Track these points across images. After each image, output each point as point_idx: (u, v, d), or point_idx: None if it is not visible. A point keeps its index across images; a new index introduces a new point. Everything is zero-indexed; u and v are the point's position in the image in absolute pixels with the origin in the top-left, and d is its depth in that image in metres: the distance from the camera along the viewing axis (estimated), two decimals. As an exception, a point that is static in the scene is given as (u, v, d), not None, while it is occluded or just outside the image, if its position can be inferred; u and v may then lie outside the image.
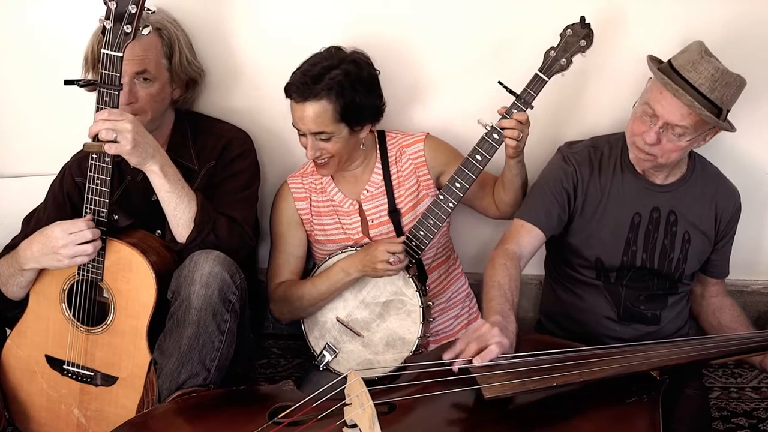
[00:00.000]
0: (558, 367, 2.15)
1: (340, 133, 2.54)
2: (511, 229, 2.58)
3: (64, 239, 2.28)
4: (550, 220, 2.56)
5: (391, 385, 2.19)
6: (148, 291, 2.34)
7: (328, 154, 2.57)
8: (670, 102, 2.35)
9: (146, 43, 2.45)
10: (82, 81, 2.38)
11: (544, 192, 2.58)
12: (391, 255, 2.48)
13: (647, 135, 2.40)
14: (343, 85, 2.48)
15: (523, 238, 2.53)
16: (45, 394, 2.49)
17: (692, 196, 2.58)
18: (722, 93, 2.35)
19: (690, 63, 2.36)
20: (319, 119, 2.49)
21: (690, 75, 2.35)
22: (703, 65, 2.35)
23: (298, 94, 2.48)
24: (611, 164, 2.58)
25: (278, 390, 2.29)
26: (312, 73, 2.49)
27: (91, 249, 2.29)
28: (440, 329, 2.80)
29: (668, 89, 2.33)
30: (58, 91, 2.48)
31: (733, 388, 2.94)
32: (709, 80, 2.33)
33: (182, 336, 2.30)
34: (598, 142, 2.64)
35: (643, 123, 2.41)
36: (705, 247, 2.62)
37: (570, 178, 2.57)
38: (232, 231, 2.45)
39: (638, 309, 2.61)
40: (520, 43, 2.72)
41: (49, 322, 2.45)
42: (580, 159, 2.59)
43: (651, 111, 2.38)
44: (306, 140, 2.55)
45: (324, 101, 2.47)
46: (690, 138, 2.39)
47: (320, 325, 2.68)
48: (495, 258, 2.46)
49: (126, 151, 2.24)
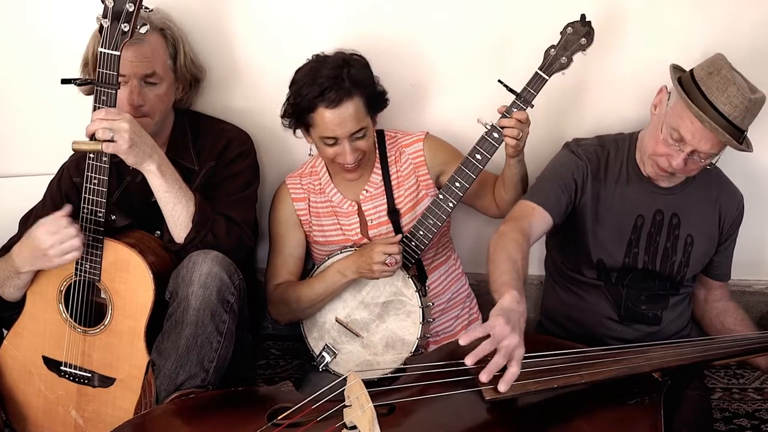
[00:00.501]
0: (559, 368, 2.15)
1: (370, 127, 2.57)
2: (520, 208, 2.51)
3: (49, 240, 2.27)
4: (560, 206, 2.53)
5: (391, 386, 2.19)
6: (145, 291, 2.34)
7: (361, 154, 2.57)
8: (702, 133, 2.33)
9: (152, 45, 2.46)
10: (80, 80, 2.38)
11: (554, 179, 2.56)
12: (387, 256, 2.48)
13: (674, 160, 2.39)
14: (363, 77, 2.53)
15: (534, 219, 2.46)
16: (42, 395, 2.49)
17: (695, 199, 2.58)
18: (750, 120, 2.35)
19: (718, 87, 2.32)
20: (358, 116, 2.51)
21: (720, 102, 2.30)
22: (731, 90, 2.31)
23: (333, 99, 2.46)
24: (617, 164, 2.58)
25: (277, 391, 2.29)
26: (332, 76, 2.48)
27: (78, 242, 2.28)
28: (440, 330, 2.80)
29: (703, 124, 2.31)
30: (55, 90, 2.48)
31: (735, 389, 2.94)
32: (743, 111, 2.31)
33: (180, 337, 2.29)
34: (605, 142, 2.63)
35: (668, 146, 2.40)
36: (708, 250, 2.62)
37: (580, 171, 2.56)
38: (230, 231, 2.45)
39: (639, 309, 2.61)
40: (520, 41, 2.72)
41: (46, 323, 2.45)
42: (590, 156, 2.58)
43: (679, 136, 2.36)
44: (337, 148, 2.54)
45: (356, 98, 2.50)
46: (712, 159, 2.41)
47: (319, 326, 2.68)
48: (506, 232, 2.37)
49: (123, 150, 2.24)
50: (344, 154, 2.55)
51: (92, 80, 2.28)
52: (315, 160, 2.77)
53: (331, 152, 2.56)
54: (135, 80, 2.43)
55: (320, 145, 2.58)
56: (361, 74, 2.53)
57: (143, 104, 2.45)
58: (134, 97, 2.42)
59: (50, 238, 2.27)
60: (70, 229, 2.27)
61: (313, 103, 2.49)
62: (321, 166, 2.75)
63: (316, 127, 2.53)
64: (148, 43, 2.44)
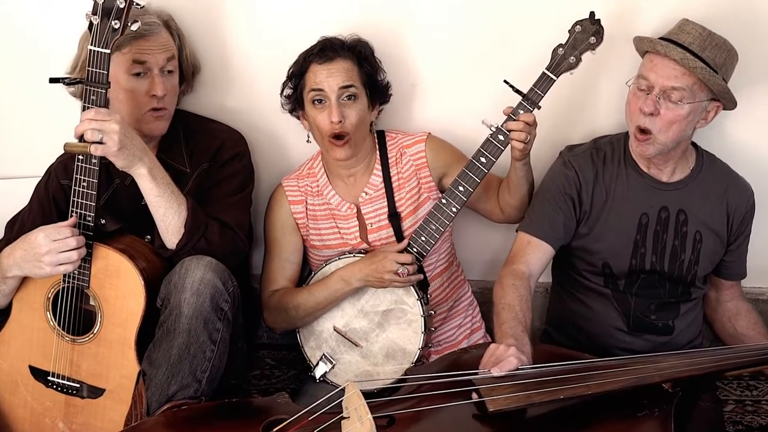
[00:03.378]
0: (565, 379, 2.15)
1: (362, 99, 2.60)
2: (517, 244, 2.58)
3: (47, 246, 2.27)
4: (556, 230, 2.55)
5: (391, 397, 2.20)
6: (136, 299, 2.34)
7: (348, 127, 2.57)
8: (662, 64, 2.39)
9: (164, 35, 2.51)
10: (68, 79, 2.39)
11: (547, 201, 2.58)
12: (400, 266, 2.49)
13: (645, 104, 2.41)
14: (364, 53, 2.63)
15: (531, 255, 2.53)
16: (29, 406, 2.49)
17: (702, 194, 2.57)
18: (714, 54, 2.40)
19: (676, 28, 2.45)
20: (349, 73, 2.57)
21: (678, 36, 2.42)
22: (689, 26, 2.43)
23: (326, 54, 2.56)
24: (615, 164, 2.58)
25: (273, 403, 2.29)
26: (333, 41, 2.59)
27: (75, 256, 2.29)
28: (442, 339, 2.80)
29: (659, 49, 2.38)
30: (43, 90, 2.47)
31: (748, 401, 2.94)
32: (698, 38, 2.40)
33: (172, 346, 2.29)
34: (600, 143, 2.64)
35: (638, 98, 2.44)
36: (717, 247, 2.62)
37: (572, 183, 2.57)
38: (224, 236, 2.45)
39: (649, 319, 2.61)
40: (526, 39, 2.72)
41: (33, 332, 2.45)
42: (582, 162, 2.59)
43: (645, 82, 2.42)
44: (324, 112, 2.56)
45: (350, 61, 2.58)
46: (689, 104, 2.40)
47: (317, 335, 2.67)
48: (503, 278, 2.47)
49: (112, 152, 2.24)
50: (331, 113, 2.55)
51: (81, 79, 2.28)
52: (313, 161, 2.77)
53: (320, 118, 2.57)
54: (156, 69, 2.47)
55: (310, 112, 2.60)
56: (361, 46, 2.62)
57: (166, 93, 2.49)
58: (160, 87, 2.47)
59: (49, 244, 2.27)
60: (71, 240, 2.28)
61: (307, 63, 2.58)
62: (319, 168, 2.75)
63: (306, 87, 2.58)
64: (161, 32, 2.49)
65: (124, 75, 2.45)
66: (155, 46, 2.47)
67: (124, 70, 2.45)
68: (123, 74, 2.45)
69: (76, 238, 2.29)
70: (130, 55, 2.44)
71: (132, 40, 2.42)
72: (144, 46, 2.44)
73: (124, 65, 2.44)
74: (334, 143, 2.59)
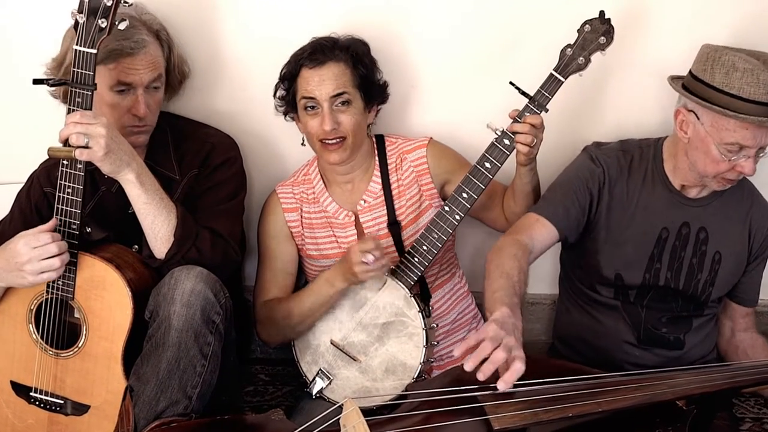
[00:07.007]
0: (574, 395, 2.14)
1: (357, 103, 2.59)
2: (524, 221, 2.54)
3: (27, 254, 2.27)
4: (568, 219, 2.54)
5: (391, 415, 2.19)
6: (123, 311, 2.33)
7: (343, 132, 2.57)
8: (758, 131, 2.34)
9: (153, 49, 2.50)
10: (53, 80, 2.37)
11: (566, 190, 2.57)
12: (363, 254, 2.45)
13: (746, 167, 2.39)
14: (358, 53, 2.61)
15: (536, 232, 2.50)
16: (10, 424, 2.48)
17: (725, 213, 2.58)
18: None
19: (734, 78, 2.34)
20: (341, 79, 2.56)
21: (745, 91, 2.32)
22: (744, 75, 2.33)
23: (317, 58, 2.55)
24: (641, 172, 2.58)
25: (267, 420, 2.29)
26: (324, 43, 2.58)
27: (58, 263, 2.28)
28: (444, 354, 2.80)
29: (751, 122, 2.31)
30: (26, 92, 2.48)
31: (766, 419, 2.94)
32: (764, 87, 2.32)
33: (161, 360, 2.29)
34: (628, 146, 2.64)
35: (731, 161, 2.40)
36: (736, 269, 2.63)
37: (596, 179, 2.56)
38: (215, 245, 2.44)
39: (660, 332, 2.61)
40: (533, 39, 2.73)
41: (15, 345, 2.44)
42: (609, 161, 2.59)
43: (737, 147, 2.37)
44: (317, 118, 2.56)
45: (342, 64, 2.57)
46: None
47: (313, 349, 2.67)
48: (504, 247, 2.41)
49: (98, 157, 2.24)
50: (323, 121, 2.55)
51: (66, 81, 2.28)
52: (309, 167, 2.77)
53: (312, 125, 2.57)
54: (141, 89, 2.46)
55: (303, 118, 2.61)
56: (354, 45, 2.61)
57: (148, 113, 2.49)
58: (142, 108, 2.47)
59: (29, 252, 2.27)
60: (52, 246, 2.27)
61: (297, 66, 2.58)
62: (315, 174, 2.75)
63: (298, 93, 2.58)
64: (149, 48, 2.48)
65: (107, 90, 2.45)
66: (142, 65, 2.45)
67: (108, 87, 2.44)
68: (106, 89, 2.44)
69: (57, 244, 2.28)
70: (116, 72, 2.43)
71: (118, 57, 2.41)
72: (130, 64, 2.42)
73: (107, 81, 2.43)
74: (328, 146, 2.59)
